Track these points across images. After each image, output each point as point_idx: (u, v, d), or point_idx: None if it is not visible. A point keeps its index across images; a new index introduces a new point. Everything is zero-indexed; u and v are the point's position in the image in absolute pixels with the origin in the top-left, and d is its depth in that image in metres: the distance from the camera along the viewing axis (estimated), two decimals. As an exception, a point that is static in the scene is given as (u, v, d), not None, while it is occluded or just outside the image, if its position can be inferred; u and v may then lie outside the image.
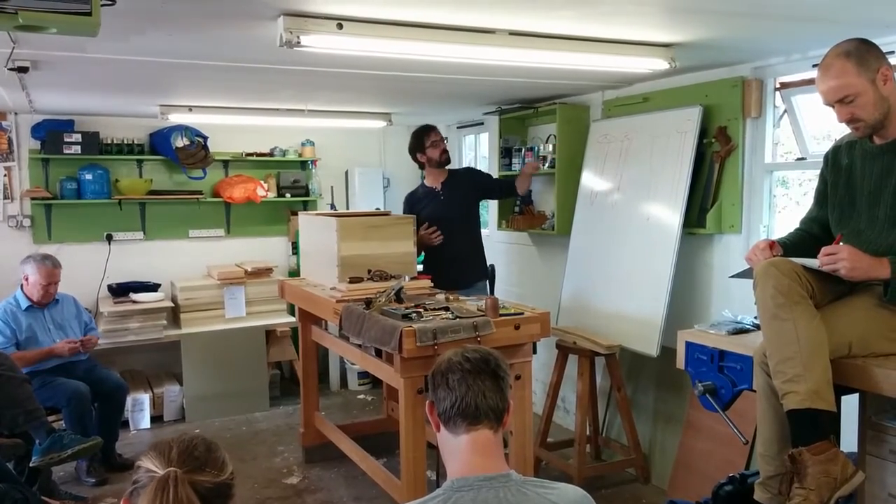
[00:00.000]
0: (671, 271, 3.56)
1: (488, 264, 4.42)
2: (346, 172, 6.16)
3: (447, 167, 4.33)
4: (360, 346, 3.35)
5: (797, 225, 2.34)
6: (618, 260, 3.93)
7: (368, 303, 3.20)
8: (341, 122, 5.43)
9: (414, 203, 4.31)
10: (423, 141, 4.22)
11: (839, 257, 1.91)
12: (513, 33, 2.74)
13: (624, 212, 3.93)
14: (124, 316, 4.92)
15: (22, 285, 4.14)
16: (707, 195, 3.60)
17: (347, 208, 6.07)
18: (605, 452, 4.22)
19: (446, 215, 4.15)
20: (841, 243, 2.04)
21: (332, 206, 5.95)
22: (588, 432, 3.99)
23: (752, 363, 2.11)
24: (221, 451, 1.29)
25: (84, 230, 5.27)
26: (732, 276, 2.33)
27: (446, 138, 4.46)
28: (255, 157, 5.71)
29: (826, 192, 2.19)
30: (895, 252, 1.94)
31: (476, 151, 6.12)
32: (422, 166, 4.38)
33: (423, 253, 4.13)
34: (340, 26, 2.47)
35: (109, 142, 5.20)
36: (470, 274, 4.20)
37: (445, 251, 4.14)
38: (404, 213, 4.24)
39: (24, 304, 4.11)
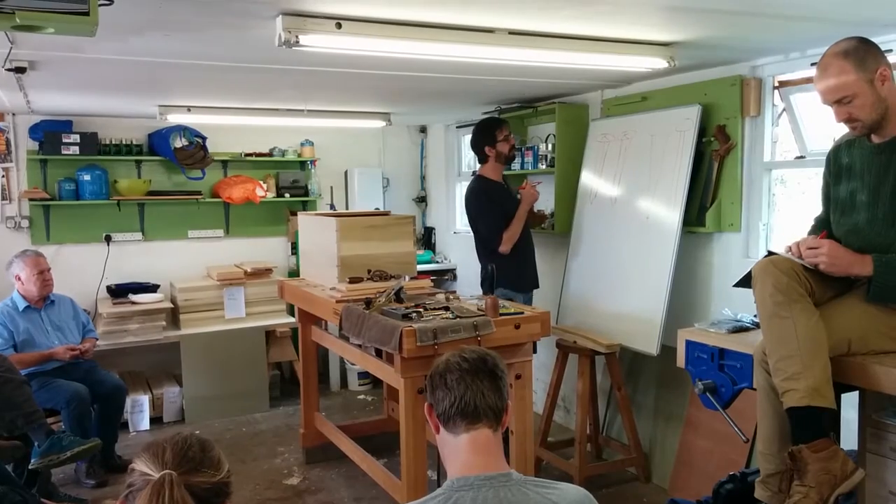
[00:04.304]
0: (671, 270, 3.56)
1: (489, 266, 4.41)
2: (346, 172, 6.16)
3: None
4: (360, 346, 3.35)
5: (812, 222, 2.33)
6: (617, 259, 3.92)
7: (368, 303, 3.20)
8: (340, 122, 5.42)
9: (496, 195, 4.03)
10: (495, 134, 4.03)
11: (819, 252, 1.94)
12: (512, 32, 2.73)
13: (623, 211, 3.93)
14: (123, 317, 4.91)
15: (17, 287, 4.13)
16: (706, 194, 3.60)
17: (347, 208, 6.07)
18: (606, 452, 4.22)
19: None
20: (840, 241, 2.05)
21: (332, 207, 5.95)
22: (588, 431, 3.99)
23: (752, 361, 2.11)
24: (216, 449, 1.27)
25: (82, 231, 5.26)
26: (735, 286, 2.32)
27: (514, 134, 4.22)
28: (254, 158, 5.71)
29: (829, 193, 2.19)
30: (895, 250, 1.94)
31: (475, 151, 6.11)
32: (483, 160, 4.13)
33: (490, 266, 3.54)
34: (339, 26, 2.46)
35: (108, 142, 5.19)
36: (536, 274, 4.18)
37: (529, 250, 4.12)
38: (484, 205, 3.98)
39: (22, 305, 4.10)
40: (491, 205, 4.00)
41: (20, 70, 3.19)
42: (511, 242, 3.95)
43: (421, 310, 3.07)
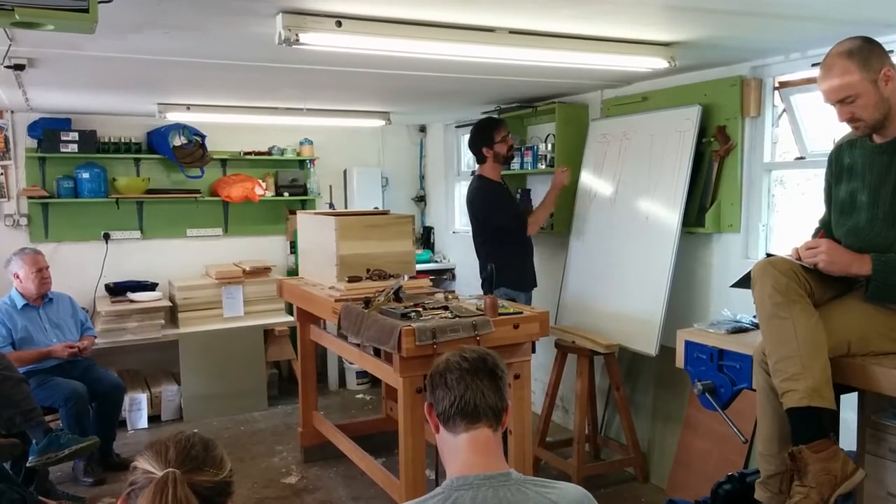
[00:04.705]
0: (670, 270, 3.56)
1: (489, 266, 4.40)
2: (345, 171, 6.16)
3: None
4: (358, 345, 3.35)
5: (816, 225, 2.33)
6: (617, 259, 3.92)
7: (367, 302, 3.20)
8: (340, 121, 5.42)
9: (498, 193, 4.05)
10: (493, 135, 4.03)
11: (818, 251, 1.95)
12: (513, 32, 2.73)
13: (623, 211, 3.93)
14: (122, 315, 4.91)
15: (15, 285, 4.12)
16: (706, 194, 3.60)
17: (346, 207, 6.07)
18: (604, 452, 4.22)
19: (525, 210, 4.08)
20: (840, 241, 2.05)
21: (331, 206, 5.95)
22: (587, 431, 3.98)
23: (752, 362, 2.11)
24: (219, 448, 1.27)
25: (81, 229, 5.25)
26: (733, 286, 2.32)
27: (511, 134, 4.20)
28: (253, 156, 5.70)
29: (831, 193, 2.19)
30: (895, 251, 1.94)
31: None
32: (481, 160, 4.13)
33: (489, 265, 3.41)
34: (339, 24, 2.46)
35: (107, 140, 5.19)
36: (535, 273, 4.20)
37: (528, 250, 4.12)
38: (492, 200, 3.99)
39: (20, 303, 4.09)
40: (495, 200, 4.03)
41: (19, 67, 3.19)
42: (537, 226, 4.01)
43: (420, 309, 3.06)
